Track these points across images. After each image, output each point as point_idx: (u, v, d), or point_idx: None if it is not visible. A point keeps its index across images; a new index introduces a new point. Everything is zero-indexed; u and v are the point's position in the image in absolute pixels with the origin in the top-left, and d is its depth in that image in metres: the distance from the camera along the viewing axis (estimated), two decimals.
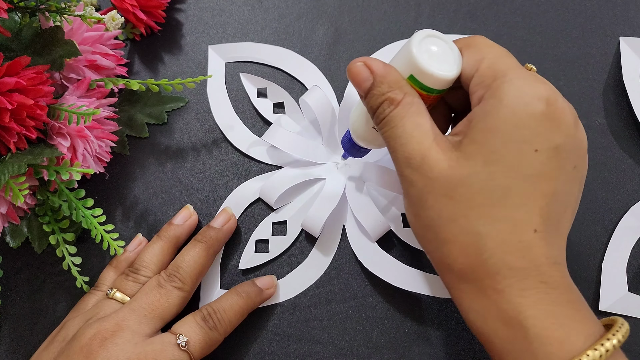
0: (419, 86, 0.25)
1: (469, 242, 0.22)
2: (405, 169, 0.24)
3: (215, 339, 0.29)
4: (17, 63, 0.28)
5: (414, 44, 0.24)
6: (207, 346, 0.29)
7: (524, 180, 0.22)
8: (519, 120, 0.22)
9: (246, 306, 0.31)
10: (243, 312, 0.31)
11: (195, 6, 0.40)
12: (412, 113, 0.24)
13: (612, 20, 0.37)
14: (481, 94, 0.23)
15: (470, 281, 0.23)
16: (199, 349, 0.28)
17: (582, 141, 0.23)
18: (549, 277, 0.21)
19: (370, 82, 0.25)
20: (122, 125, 0.36)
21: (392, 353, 0.32)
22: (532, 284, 0.21)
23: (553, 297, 0.21)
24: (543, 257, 0.22)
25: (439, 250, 0.24)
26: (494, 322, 0.22)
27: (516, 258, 0.22)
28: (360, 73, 0.25)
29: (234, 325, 0.31)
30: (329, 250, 0.34)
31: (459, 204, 0.22)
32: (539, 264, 0.21)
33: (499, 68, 0.23)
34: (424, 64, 0.24)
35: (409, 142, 0.24)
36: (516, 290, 0.21)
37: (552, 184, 0.22)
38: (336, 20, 0.39)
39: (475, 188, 0.22)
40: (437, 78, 0.24)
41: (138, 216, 0.36)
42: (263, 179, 0.36)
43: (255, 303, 0.32)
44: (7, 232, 0.34)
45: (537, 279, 0.21)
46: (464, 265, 0.23)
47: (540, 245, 0.22)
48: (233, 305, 0.31)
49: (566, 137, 0.22)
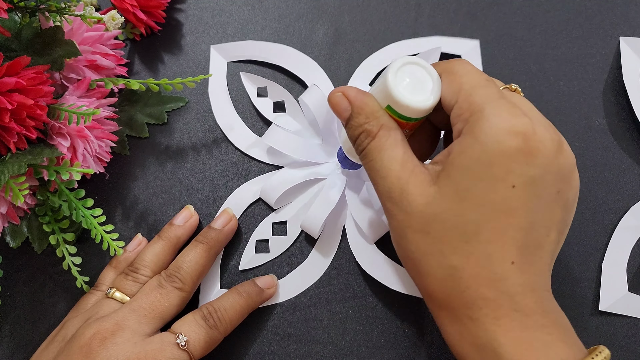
0: (396, 115, 0.25)
1: (445, 276, 0.23)
2: (387, 202, 0.25)
3: (216, 338, 0.29)
4: (17, 63, 0.28)
5: (389, 74, 0.24)
6: (207, 345, 0.29)
7: (496, 216, 0.22)
8: (492, 158, 0.22)
9: (247, 306, 0.31)
10: (244, 311, 0.31)
11: (195, 6, 0.40)
12: (389, 145, 0.24)
13: (612, 20, 0.37)
14: (460, 128, 0.23)
15: (449, 309, 0.24)
16: (199, 348, 0.28)
17: (566, 165, 0.23)
18: (524, 306, 0.22)
19: (349, 112, 0.26)
20: (122, 125, 0.36)
21: (392, 353, 0.32)
22: (505, 313, 0.22)
23: (527, 324, 0.22)
24: (518, 286, 0.22)
25: (420, 280, 0.25)
26: (470, 347, 0.23)
27: (490, 289, 0.22)
28: (339, 104, 0.26)
29: (234, 325, 0.31)
30: (329, 251, 0.34)
31: (434, 240, 0.23)
32: (513, 294, 0.22)
33: (476, 101, 0.23)
34: (398, 95, 0.24)
35: (388, 176, 0.24)
36: (490, 319, 0.22)
37: (528, 215, 0.22)
38: (336, 20, 0.39)
39: (449, 224, 0.23)
40: (413, 109, 0.24)
41: (138, 216, 0.36)
42: (263, 179, 0.36)
43: (256, 303, 0.32)
44: (7, 232, 0.34)
45: (510, 308, 0.22)
46: (443, 295, 0.24)
47: (516, 275, 0.22)
48: (234, 305, 0.31)
49: (544, 167, 0.22)
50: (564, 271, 0.33)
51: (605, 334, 0.32)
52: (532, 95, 0.36)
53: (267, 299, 0.33)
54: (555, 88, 0.36)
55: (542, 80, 0.36)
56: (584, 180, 0.34)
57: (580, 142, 0.35)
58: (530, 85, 0.36)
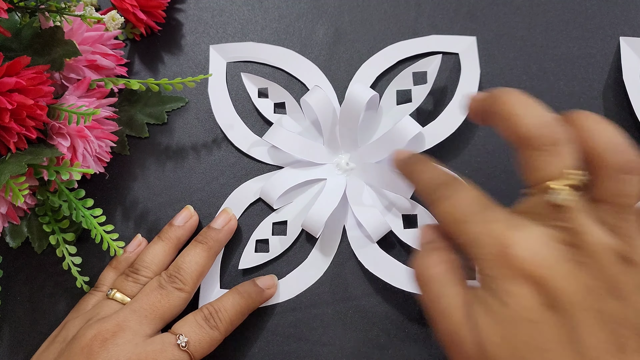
0: None
1: None
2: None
3: (216, 338, 0.29)
4: (17, 63, 0.28)
5: None
6: (208, 346, 0.29)
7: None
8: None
9: (247, 306, 0.31)
10: (244, 311, 0.31)
11: (195, 6, 0.40)
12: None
13: (612, 20, 0.37)
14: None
15: None
16: (200, 349, 0.28)
17: None
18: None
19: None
20: (122, 125, 0.36)
21: (392, 353, 0.32)
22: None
23: None
24: None
25: None
26: None
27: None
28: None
29: (235, 325, 0.31)
30: (329, 251, 0.34)
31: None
32: None
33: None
34: None
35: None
36: None
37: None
38: (336, 20, 0.39)
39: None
40: None
41: (138, 216, 0.36)
42: (264, 179, 0.36)
43: (256, 303, 0.32)
44: (7, 232, 0.34)
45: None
46: None
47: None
48: (234, 305, 0.31)
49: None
50: None
51: None
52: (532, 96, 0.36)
53: (267, 299, 0.33)
54: (555, 88, 0.36)
55: (542, 80, 0.36)
56: None
57: None
58: (531, 85, 0.36)
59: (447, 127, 0.34)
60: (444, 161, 0.35)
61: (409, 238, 0.33)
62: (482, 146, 0.35)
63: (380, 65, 0.37)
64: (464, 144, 0.35)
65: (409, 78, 0.35)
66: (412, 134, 0.32)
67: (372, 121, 0.36)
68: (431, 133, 0.34)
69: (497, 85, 0.36)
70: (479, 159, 0.35)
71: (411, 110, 0.34)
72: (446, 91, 0.36)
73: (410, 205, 0.34)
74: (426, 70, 0.35)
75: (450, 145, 0.34)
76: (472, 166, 0.35)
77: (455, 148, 0.35)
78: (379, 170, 0.33)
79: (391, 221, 0.33)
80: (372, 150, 0.34)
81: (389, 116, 0.36)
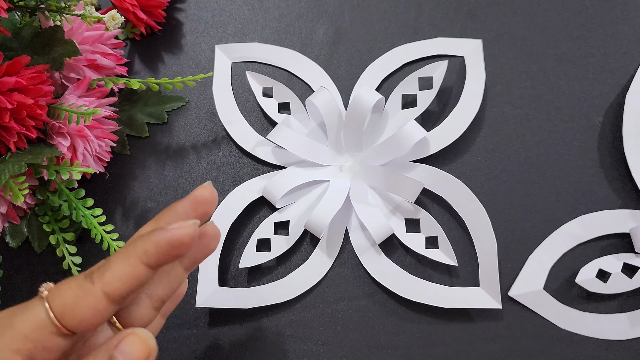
0: None
1: None
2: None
3: (90, 291, 0.20)
4: (17, 62, 0.28)
5: None
6: (73, 297, 0.20)
7: None
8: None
9: (143, 254, 0.21)
10: (137, 265, 0.21)
11: (195, 6, 0.40)
12: None
13: (612, 20, 0.37)
14: None
15: None
16: (62, 299, 0.20)
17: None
18: None
19: None
20: (122, 125, 0.36)
21: (392, 353, 0.32)
22: None
23: None
24: None
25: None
26: None
27: None
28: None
29: (125, 282, 0.21)
30: (331, 252, 0.34)
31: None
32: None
33: None
34: None
35: None
36: None
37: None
38: (336, 20, 0.39)
39: None
40: None
41: (138, 216, 0.36)
42: (266, 178, 0.35)
43: (159, 248, 0.21)
44: (7, 232, 0.34)
45: None
46: None
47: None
48: (124, 255, 0.21)
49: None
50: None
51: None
52: (532, 95, 0.36)
53: (180, 240, 0.21)
54: (555, 88, 0.36)
55: (542, 80, 0.36)
56: (585, 179, 0.34)
57: (580, 142, 0.35)
58: (531, 85, 0.36)
59: (451, 132, 0.34)
60: (445, 161, 0.35)
61: (412, 242, 0.33)
62: (482, 146, 0.35)
63: (386, 68, 0.37)
64: (464, 144, 0.35)
65: (415, 83, 0.35)
66: (417, 138, 0.32)
67: (377, 124, 0.36)
68: (436, 138, 0.34)
69: (498, 85, 0.36)
70: (479, 158, 0.35)
71: (416, 115, 0.34)
72: (451, 95, 0.36)
73: (414, 209, 0.34)
74: (432, 75, 0.35)
75: (451, 145, 0.34)
76: (472, 166, 0.35)
77: (455, 148, 0.35)
78: (382, 173, 0.33)
79: (394, 224, 0.33)
80: (377, 154, 0.34)
81: (394, 120, 0.36)
